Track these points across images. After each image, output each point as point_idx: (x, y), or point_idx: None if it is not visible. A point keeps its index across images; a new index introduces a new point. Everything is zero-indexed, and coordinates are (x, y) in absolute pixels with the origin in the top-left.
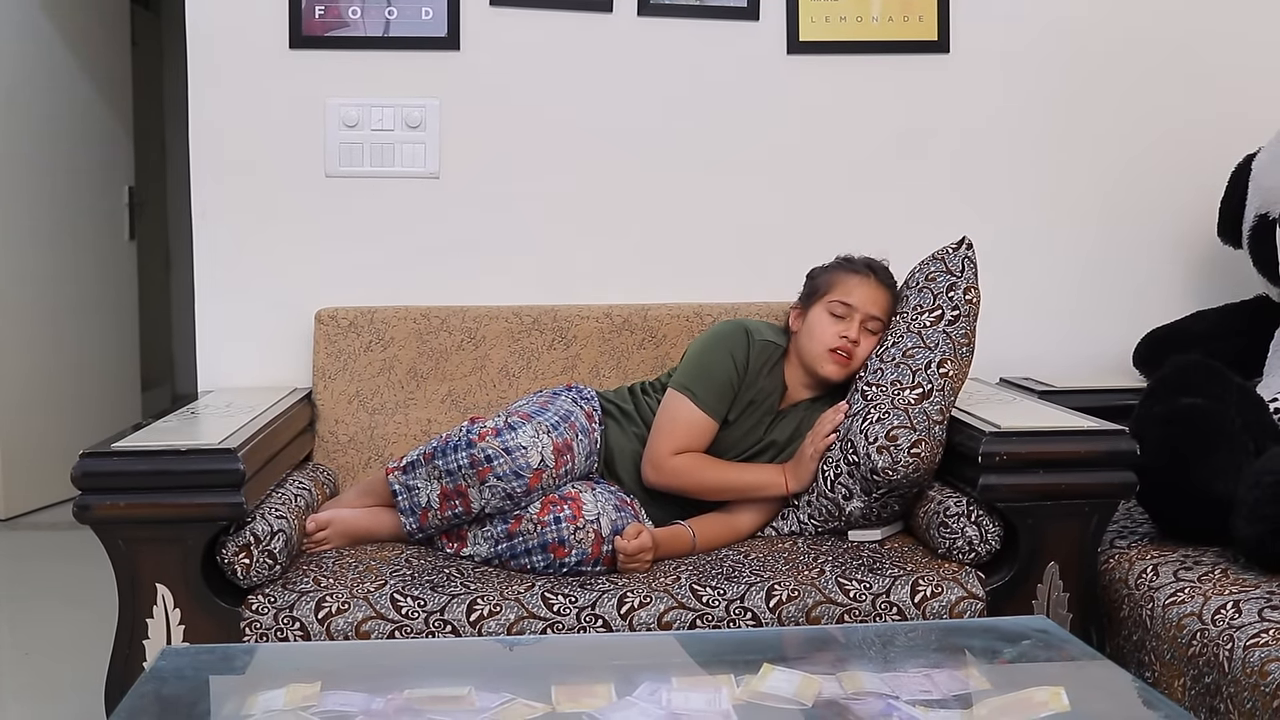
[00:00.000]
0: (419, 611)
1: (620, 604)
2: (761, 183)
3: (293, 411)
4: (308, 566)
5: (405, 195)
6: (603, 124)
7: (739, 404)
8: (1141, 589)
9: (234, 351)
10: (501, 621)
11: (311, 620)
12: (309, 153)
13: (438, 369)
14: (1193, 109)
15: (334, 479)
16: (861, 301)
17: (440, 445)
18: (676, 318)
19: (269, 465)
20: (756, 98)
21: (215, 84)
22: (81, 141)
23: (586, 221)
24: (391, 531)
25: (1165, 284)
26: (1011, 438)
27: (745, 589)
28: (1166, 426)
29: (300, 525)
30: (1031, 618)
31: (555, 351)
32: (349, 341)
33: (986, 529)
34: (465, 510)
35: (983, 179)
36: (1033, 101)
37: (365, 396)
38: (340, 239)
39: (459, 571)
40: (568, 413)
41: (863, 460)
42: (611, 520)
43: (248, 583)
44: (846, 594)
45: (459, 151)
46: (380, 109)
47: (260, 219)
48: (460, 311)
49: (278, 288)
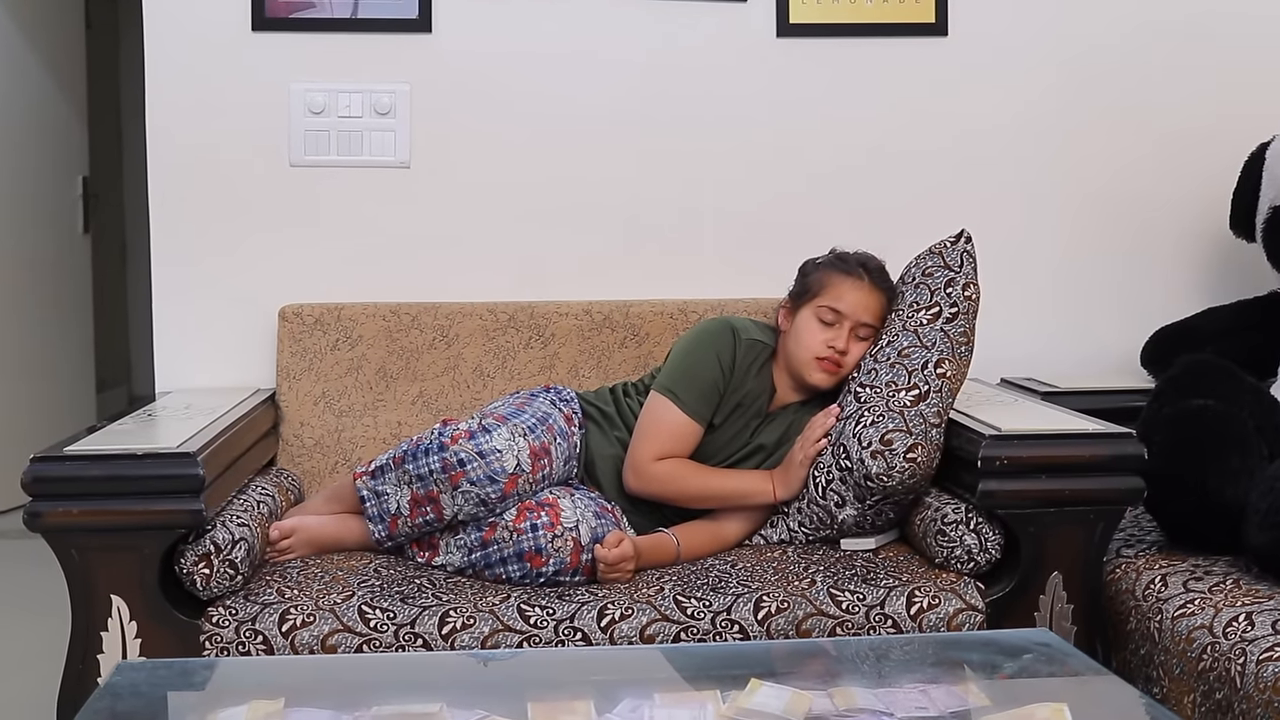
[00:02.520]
0: (388, 624)
1: (600, 616)
2: (750, 173)
3: (255, 414)
4: (271, 577)
5: (374, 185)
6: (582, 111)
7: (725, 406)
8: (1149, 600)
9: (194, 350)
10: (475, 635)
11: (275, 633)
12: (272, 141)
13: (408, 369)
14: (1205, 95)
15: (299, 484)
16: (852, 308)
17: (411, 449)
18: (660, 315)
19: (230, 470)
20: (745, 83)
21: (174, 68)
22: (33, 129)
23: (565, 213)
24: (359, 540)
25: (1175, 279)
26: (1013, 441)
27: (732, 600)
28: (1176, 429)
29: (263, 533)
30: (1033, 630)
31: (532, 350)
32: (315, 340)
33: (986, 537)
34: (437, 517)
35: (983, 169)
36: (1036, 87)
37: (332, 398)
38: (305, 232)
39: (430, 582)
40: (545, 415)
41: (856, 465)
42: (591, 528)
43: (208, 594)
44: (839, 605)
45: (431, 139)
46: (348, 94)
47: (221, 211)
48: (432, 308)
49: (240, 283)
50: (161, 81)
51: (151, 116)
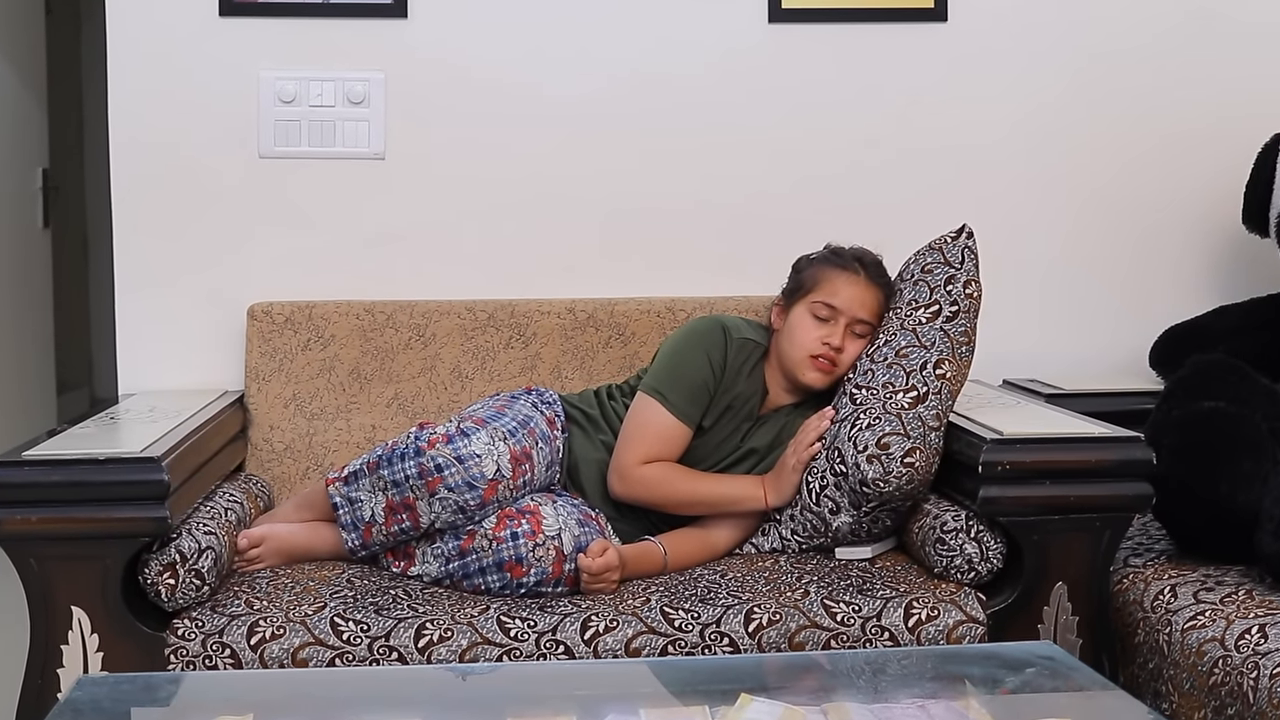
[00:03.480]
0: (362, 637)
1: (584, 628)
2: (740, 165)
3: (223, 417)
4: (239, 587)
5: (347, 178)
6: (565, 101)
7: (715, 408)
8: (1158, 612)
9: (158, 350)
10: (453, 648)
11: (243, 646)
12: (241, 131)
13: (383, 370)
14: (1217, 83)
15: (268, 491)
16: (848, 304)
17: (386, 454)
18: (647, 313)
19: (196, 476)
20: (735, 71)
21: (138, 55)
22: None
23: (548, 208)
24: (331, 549)
25: (1185, 276)
26: (1015, 445)
27: (722, 612)
28: (1186, 432)
29: (231, 542)
30: (1037, 643)
31: (513, 350)
32: (285, 339)
33: (987, 546)
34: (413, 525)
35: (985, 160)
36: (1040, 75)
37: (303, 400)
38: (275, 226)
39: (406, 593)
40: (527, 418)
41: (851, 470)
42: (574, 536)
43: (173, 605)
44: (833, 617)
45: (407, 130)
46: (320, 83)
47: (187, 205)
48: (408, 306)
49: (206, 280)
50: (125, 69)
51: (114, 106)
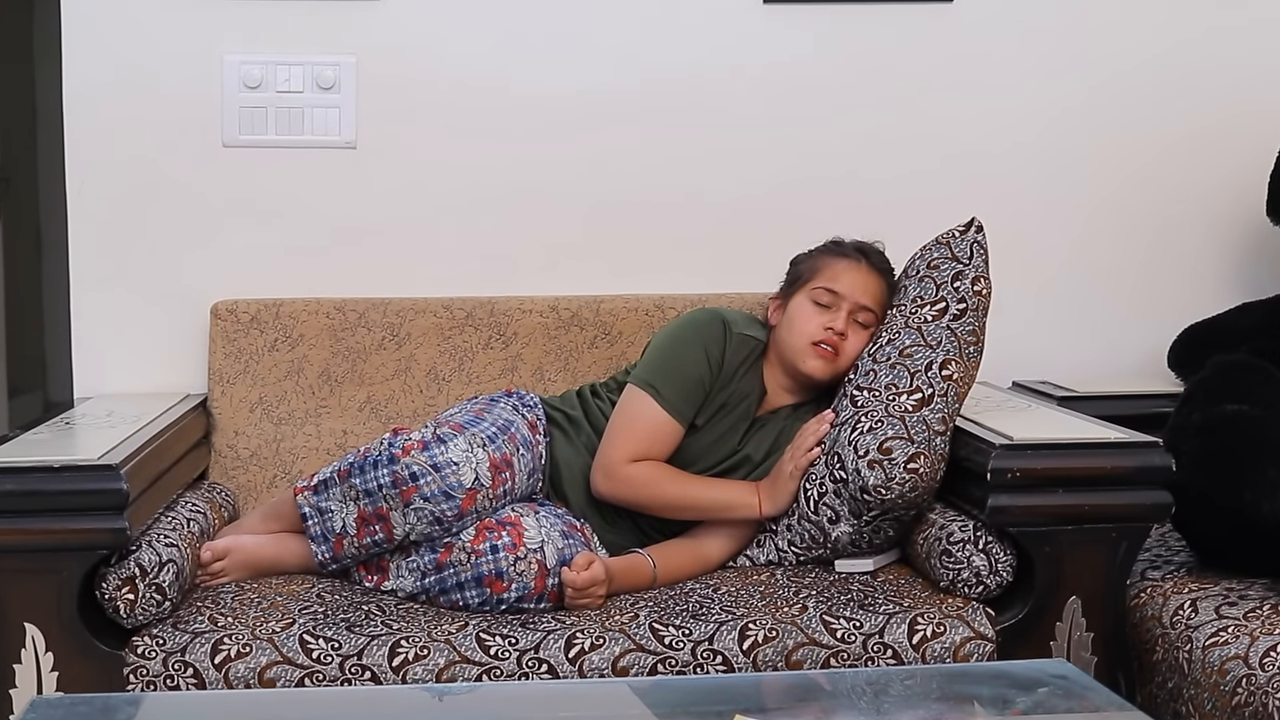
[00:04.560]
0: (333, 655)
1: (568, 646)
2: (734, 154)
3: (185, 422)
4: (203, 603)
5: (317, 168)
6: (548, 88)
7: (709, 407)
8: (1178, 628)
9: (116, 352)
10: (429, 667)
11: (207, 665)
12: (203, 119)
13: (355, 372)
14: (1241, 69)
15: (233, 500)
16: (850, 289)
17: (358, 461)
18: (634, 312)
19: (157, 485)
20: (728, 54)
21: (93, 39)
22: None
23: (530, 200)
24: (300, 562)
25: (1205, 272)
26: (1026, 451)
27: (715, 628)
28: (1207, 437)
29: (194, 554)
30: (1049, 661)
31: (492, 351)
32: (251, 340)
33: (996, 558)
34: (387, 537)
35: (993, 150)
36: (1051, 59)
37: (270, 404)
38: (240, 220)
39: (380, 609)
40: (507, 423)
41: (851, 477)
42: (558, 548)
43: (132, 622)
44: (833, 634)
45: (380, 118)
46: (287, 67)
47: (147, 197)
48: (381, 304)
49: (167, 277)
50: (79, 54)
51: (69, 92)
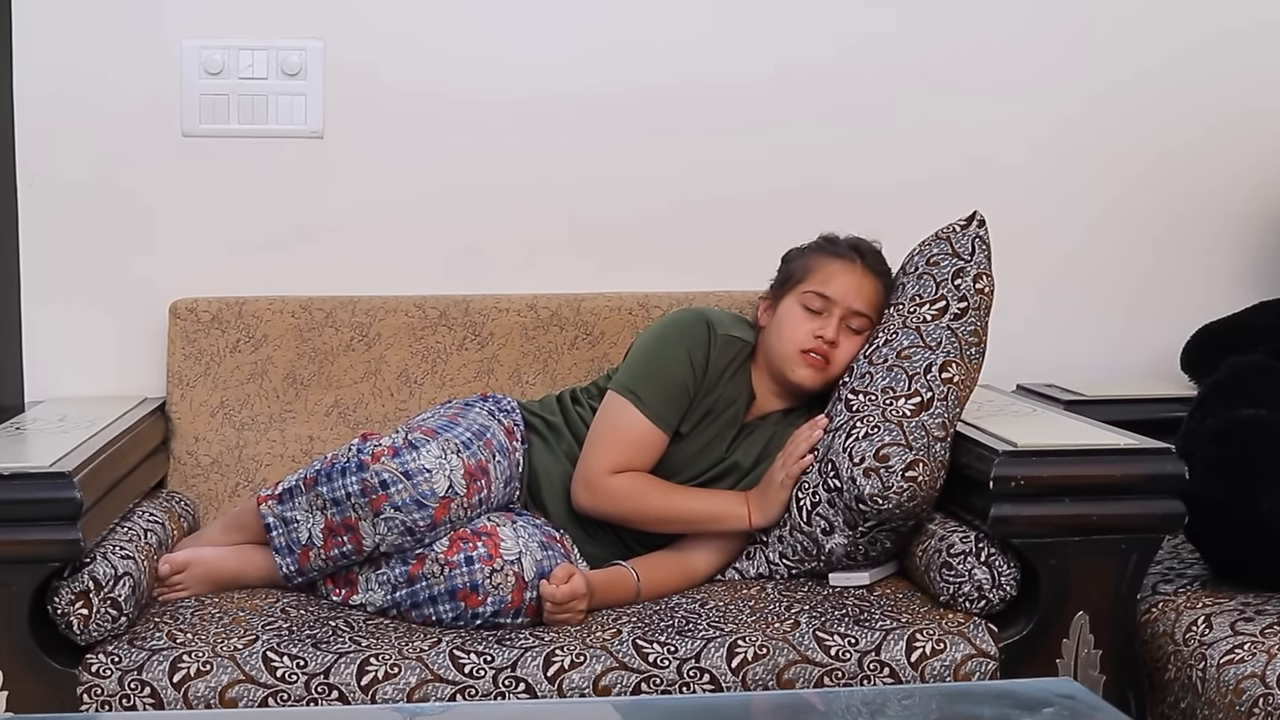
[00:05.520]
0: (298, 674)
1: (547, 664)
2: (721, 144)
3: (142, 427)
4: (161, 618)
5: (281, 159)
6: (526, 72)
7: (694, 413)
8: (1191, 645)
9: (69, 353)
10: (400, 686)
11: (165, 684)
12: (162, 108)
13: (322, 374)
14: (1260, 52)
15: (193, 510)
16: (842, 293)
17: (325, 468)
18: (617, 311)
19: (113, 493)
20: (717, 43)
21: (45, 21)
22: None
23: (506, 193)
24: (264, 575)
25: (1221, 268)
26: (1031, 458)
27: (702, 645)
28: (1222, 443)
29: (151, 567)
30: (1055, 680)
31: (467, 352)
32: (211, 340)
33: (1000, 571)
34: (355, 548)
35: (996, 139)
36: (1059, 41)
37: (232, 408)
38: (201, 214)
39: (348, 624)
40: (483, 428)
41: (846, 486)
42: (536, 560)
43: (86, 638)
44: (827, 651)
45: (348, 106)
46: (250, 52)
47: (102, 190)
48: (350, 303)
49: (123, 274)
50: (29, 37)
51: (19, 79)
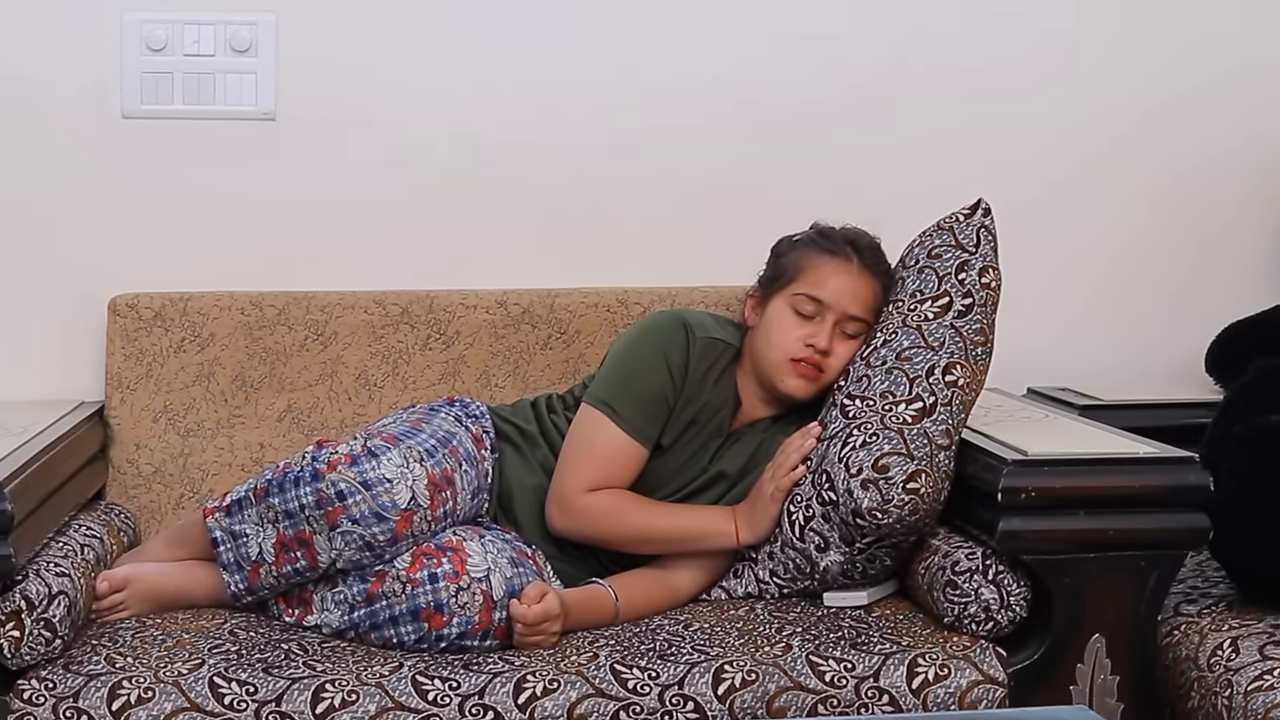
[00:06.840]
0: (248, 701)
1: (518, 690)
2: (705, 128)
3: (79, 433)
4: (99, 641)
5: (230, 143)
6: (493, 50)
7: (676, 424)
8: (1216, 670)
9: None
10: (358, 714)
11: (103, 712)
12: (100, 86)
13: (273, 376)
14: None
15: (134, 523)
16: (836, 297)
17: (276, 478)
18: (594, 308)
19: (46, 505)
20: (695, 10)
21: None
22: None
23: (475, 180)
24: (210, 593)
25: (1248, 264)
26: (1042, 468)
27: (685, 670)
28: (1250, 452)
29: (89, 585)
30: (1069, 709)
31: (432, 353)
32: (154, 339)
33: (1009, 590)
34: (310, 565)
35: (1003, 123)
36: (1070, 19)
37: (176, 413)
38: (142, 202)
39: (301, 647)
40: (449, 435)
41: (842, 499)
42: (506, 578)
43: (18, 662)
44: (821, 677)
45: (302, 85)
46: (196, 26)
47: (35, 175)
48: (304, 299)
49: (58, 267)
50: None
51: None
